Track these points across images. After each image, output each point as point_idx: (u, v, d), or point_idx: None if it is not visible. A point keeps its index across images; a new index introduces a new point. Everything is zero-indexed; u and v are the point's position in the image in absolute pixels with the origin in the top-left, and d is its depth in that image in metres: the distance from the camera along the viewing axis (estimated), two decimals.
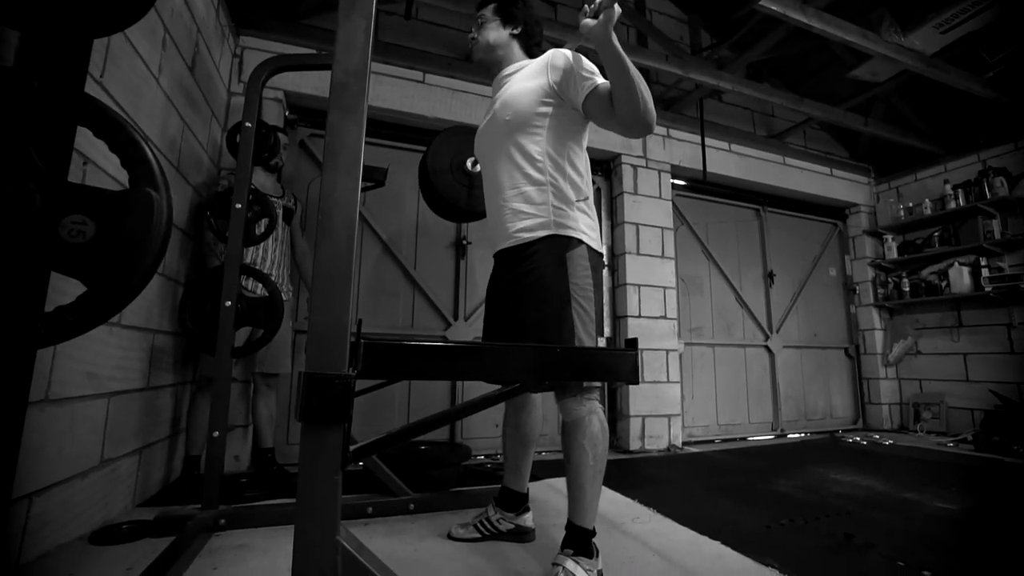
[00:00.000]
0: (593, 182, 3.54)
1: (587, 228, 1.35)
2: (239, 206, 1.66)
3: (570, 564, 1.17)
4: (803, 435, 3.86)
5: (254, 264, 2.09)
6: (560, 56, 1.32)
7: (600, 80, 1.24)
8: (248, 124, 1.70)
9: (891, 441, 3.45)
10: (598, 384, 1.27)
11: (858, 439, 3.56)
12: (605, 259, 1.39)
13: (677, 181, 3.69)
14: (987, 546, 1.60)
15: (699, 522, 1.70)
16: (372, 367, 0.68)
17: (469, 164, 1.89)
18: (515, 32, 1.47)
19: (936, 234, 3.93)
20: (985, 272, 3.57)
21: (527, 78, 1.36)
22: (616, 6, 1.09)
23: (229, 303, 1.61)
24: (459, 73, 3.01)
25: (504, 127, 1.36)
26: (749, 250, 4.05)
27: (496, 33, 1.46)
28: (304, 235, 2.44)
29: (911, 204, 4.10)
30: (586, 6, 1.14)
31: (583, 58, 1.30)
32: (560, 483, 2.00)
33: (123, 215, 0.57)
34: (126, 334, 1.62)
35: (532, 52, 1.50)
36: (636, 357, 0.86)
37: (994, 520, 1.86)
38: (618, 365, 0.85)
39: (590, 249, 1.34)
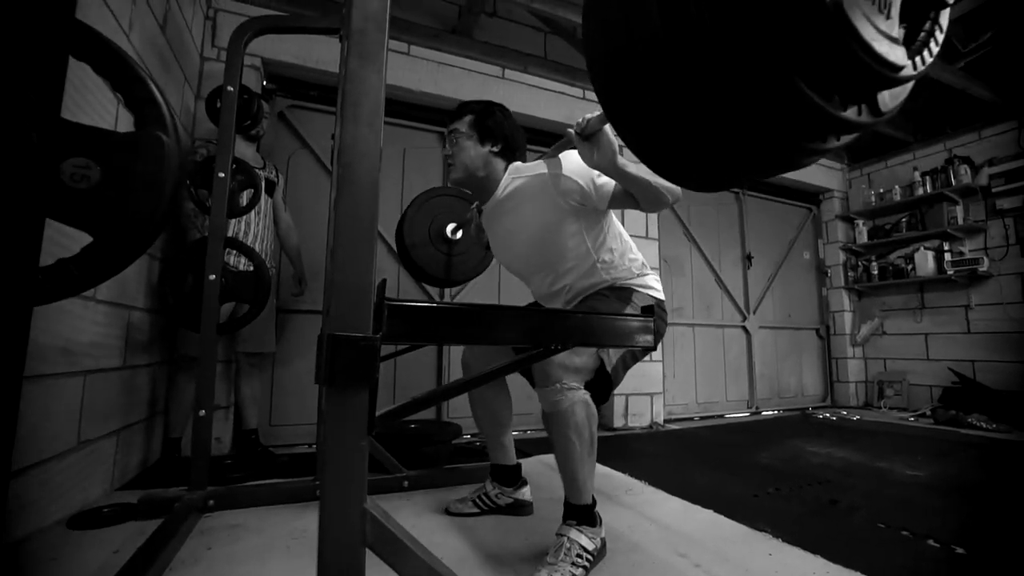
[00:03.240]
0: None
1: (654, 283, 1.40)
2: (222, 175, 1.57)
3: (574, 533, 1.18)
4: (776, 412, 4.00)
5: (236, 238, 2.00)
6: (560, 178, 1.28)
7: (611, 180, 1.23)
8: (230, 88, 1.61)
9: (858, 416, 3.62)
10: (580, 375, 1.20)
11: (828, 415, 3.72)
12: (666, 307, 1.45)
13: None
14: (955, 507, 1.70)
15: (689, 492, 1.74)
16: (398, 330, 0.65)
17: (449, 231, 1.85)
18: (495, 149, 1.37)
19: (904, 219, 4.08)
20: (948, 256, 3.75)
21: (533, 202, 1.32)
22: (607, 128, 1.05)
23: (213, 276, 1.54)
24: (446, 46, 2.91)
25: (545, 263, 1.38)
26: (729, 233, 4.12)
27: (474, 152, 1.36)
28: (287, 209, 2.34)
29: (881, 190, 4.25)
30: (577, 123, 1.09)
31: (582, 164, 1.21)
32: (551, 459, 2.02)
33: (131, 159, 0.52)
34: (101, 309, 1.53)
35: (515, 161, 1.43)
36: (654, 324, 0.86)
37: (958, 485, 1.97)
38: (638, 331, 0.84)
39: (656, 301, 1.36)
